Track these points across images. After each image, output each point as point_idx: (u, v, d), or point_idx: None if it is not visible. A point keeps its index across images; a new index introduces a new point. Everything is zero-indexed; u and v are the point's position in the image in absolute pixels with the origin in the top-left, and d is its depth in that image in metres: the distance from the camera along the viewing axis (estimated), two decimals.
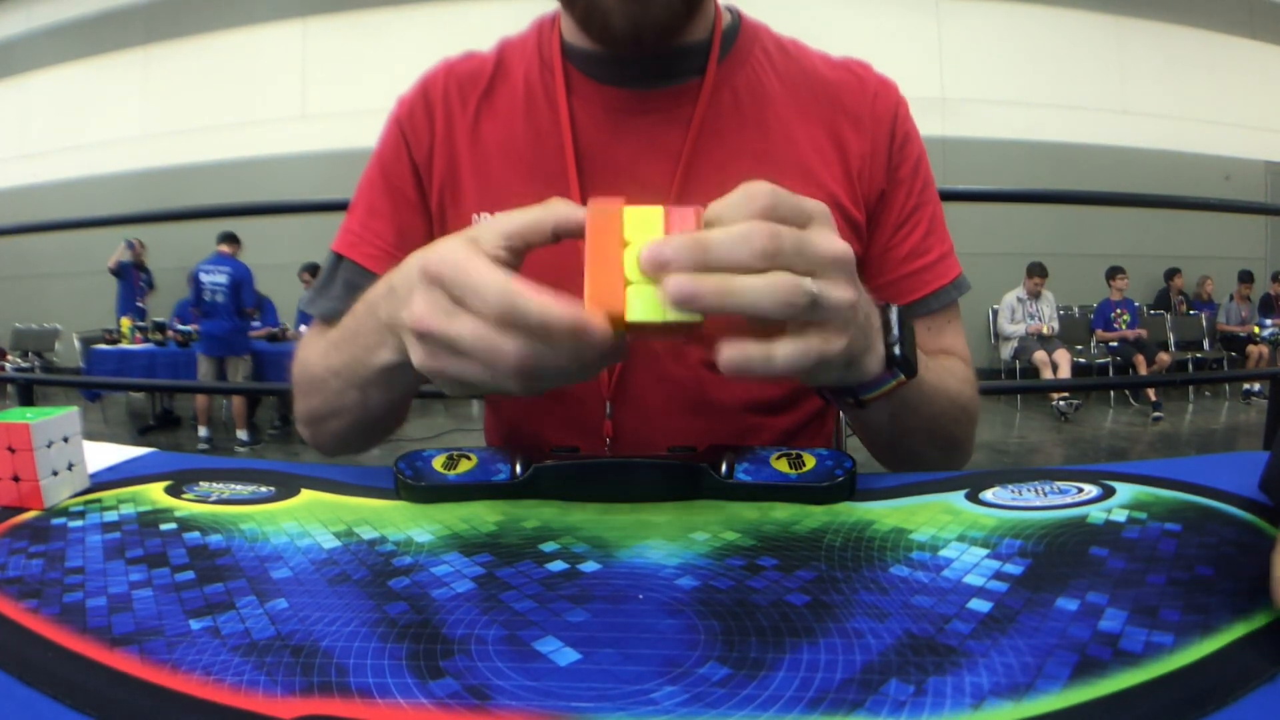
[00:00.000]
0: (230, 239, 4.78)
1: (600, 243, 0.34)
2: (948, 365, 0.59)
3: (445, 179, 0.61)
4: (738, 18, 0.63)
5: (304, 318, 5.31)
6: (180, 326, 4.91)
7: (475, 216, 0.59)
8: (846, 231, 0.58)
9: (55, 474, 0.51)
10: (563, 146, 0.58)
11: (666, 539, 0.42)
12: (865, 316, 0.40)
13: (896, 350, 0.43)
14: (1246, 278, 6.10)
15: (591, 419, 0.61)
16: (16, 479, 0.50)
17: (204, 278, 4.51)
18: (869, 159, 0.60)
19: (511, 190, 0.59)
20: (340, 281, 0.62)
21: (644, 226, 0.34)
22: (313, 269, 5.29)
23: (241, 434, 4.56)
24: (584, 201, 0.38)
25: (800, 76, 0.61)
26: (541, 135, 0.59)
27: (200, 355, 4.50)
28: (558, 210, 0.36)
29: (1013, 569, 0.37)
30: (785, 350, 0.34)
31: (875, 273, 0.62)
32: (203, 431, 4.56)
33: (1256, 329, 5.89)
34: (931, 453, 0.57)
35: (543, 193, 0.50)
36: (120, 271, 5.46)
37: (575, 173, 0.57)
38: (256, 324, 5.23)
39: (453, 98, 0.61)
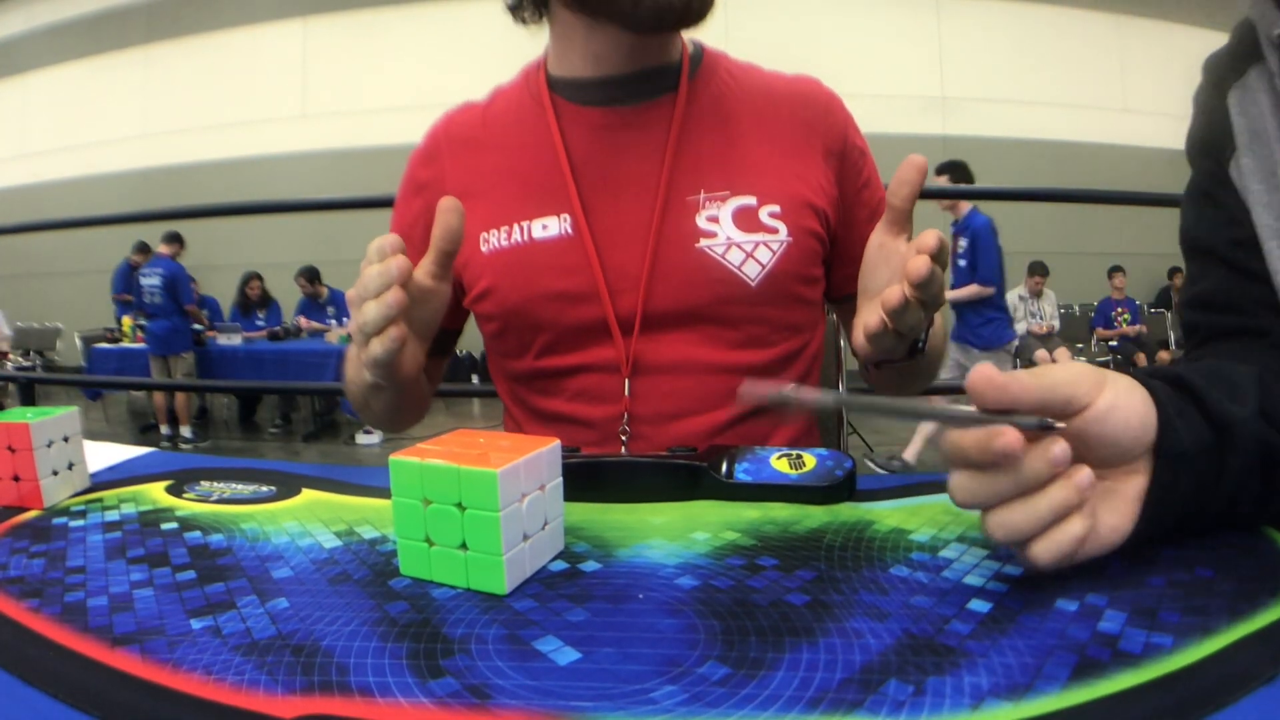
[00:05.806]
0: (172, 239, 4.78)
1: None
2: None
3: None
4: (700, 47, 0.71)
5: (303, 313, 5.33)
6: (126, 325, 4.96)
7: (484, 235, 0.66)
8: (807, 214, 0.65)
9: (55, 474, 0.51)
10: (558, 162, 0.65)
11: (667, 539, 0.42)
12: None
13: None
14: None
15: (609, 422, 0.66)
16: (17, 479, 0.50)
17: (142, 280, 4.55)
18: (823, 160, 0.68)
19: (517, 205, 0.66)
20: None
21: None
22: (309, 273, 5.29)
23: (185, 430, 4.58)
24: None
25: (758, 91, 0.69)
26: (539, 156, 0.66)
27: (150, 356, 4.53)
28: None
29: (1013, 570, 0.37)
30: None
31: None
32: (165, 429, 4.60)
33: None
34: (939, 351, 0.66)
35: (547, 203, 0.65)
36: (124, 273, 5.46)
37: (572, 181, 0.65)
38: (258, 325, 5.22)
39: (455, 141, 0.71)
